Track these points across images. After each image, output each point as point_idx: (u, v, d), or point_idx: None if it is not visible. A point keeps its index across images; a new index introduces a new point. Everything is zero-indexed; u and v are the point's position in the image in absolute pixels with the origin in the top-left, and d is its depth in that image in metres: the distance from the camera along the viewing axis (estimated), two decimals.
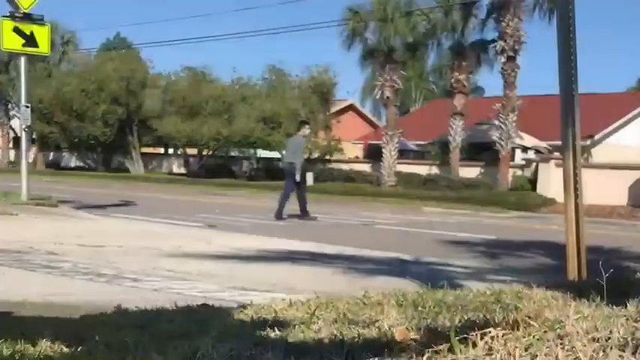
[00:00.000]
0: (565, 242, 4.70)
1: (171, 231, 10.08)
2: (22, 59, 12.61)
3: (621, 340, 1.84)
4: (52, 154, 45.29)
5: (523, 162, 28.40)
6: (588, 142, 28.63)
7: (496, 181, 26.03)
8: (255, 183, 32.42)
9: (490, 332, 1.93)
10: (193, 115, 36.15)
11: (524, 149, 30.20)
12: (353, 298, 3.37)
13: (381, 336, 2.07)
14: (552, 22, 24.97)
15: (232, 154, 38.13)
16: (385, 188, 28.12)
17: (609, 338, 1.86)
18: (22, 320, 3.28)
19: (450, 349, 1.88)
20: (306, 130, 15.20)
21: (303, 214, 14.02)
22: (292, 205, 14.01)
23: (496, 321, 2.11)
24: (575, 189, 4.62)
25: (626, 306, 2.27)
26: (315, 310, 2.79)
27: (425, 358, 1.88)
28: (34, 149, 40.48)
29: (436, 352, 1.90)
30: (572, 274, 4.56)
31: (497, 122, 26.86)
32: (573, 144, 4.59)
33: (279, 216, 13.75)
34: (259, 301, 3.86)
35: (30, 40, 12.31)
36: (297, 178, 14.09)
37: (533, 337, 1.89)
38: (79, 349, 2.31)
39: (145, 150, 41.92)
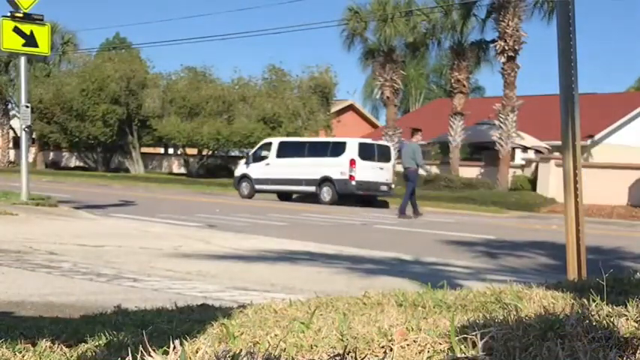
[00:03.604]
0: (565, 242, 4.70)
1: (171, 231, 10.08)
2: (22, 59, 12.61)
3: (621, 340, 1.84)
4: (52, 154, 45.32)
5: (523, 162, 28.43)
6: (588, 142, 28.65)
7: (496, 181, 26.06)
8: None
9: (490, 332, 1.93)
10: (193, 115, 36.18)
11: (524, 149, 30.23)
12: (353, 298, 3.37)
13: (380, 336, 2.07)
14: (552, 22, 25.00)
15: (232, 154, 38.16)
16: None
17: (609, 338, 1.86)
18: (22, 320, 3.28)
19: (450, 349, 1.88)
20: (419, 137, 16.92)
21: (402, 211, 16.00)
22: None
23: (496, 321, 2.11)
24: (575, 189, 4.62)
25: (626, 306, 2.26)
26: (315, 310, 2.79)
27: (425, 358, 1.88)
28: (33, 149, 40.52)
29: (436, 352, 1.90)
30: (572, 274, 4.56)
31: (497, 122, 26.88)
32: (573, 144, 4.59)
33: (402, 213, 15.91)
34: (259, 301, 3.86)
35: (30, 40, 12.30)
36: (424, 172, 16.47)
37: (533, 337, 1.89)
38: (79, 349, 2.31)
39: (145, 150, 41.94)
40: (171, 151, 44.76)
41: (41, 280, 5.17)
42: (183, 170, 40.19)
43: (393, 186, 22.38)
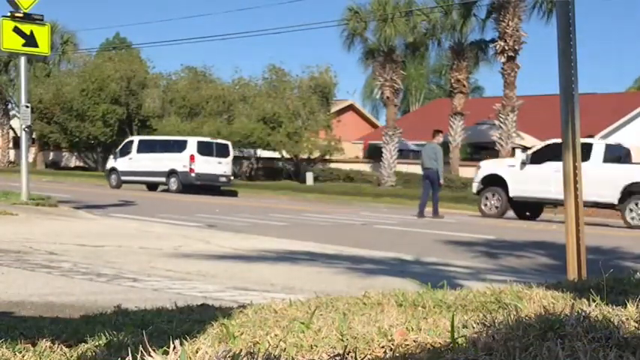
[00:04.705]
0: (565, 242, 4.70)
1: (171, 231, 10.08)
2: (22, 59, 12.60)
3: (621, 340, 1.84)
4: (52, 154, 45.30)
5: None
6: None
7: None
8: (255, 183, 32.44)
9: (490, 332, 1.93)
10: (193, 115, 36.19)
11: (524, 149, 30.22)
12: (353, 298, 3.36)
13: (381, 336, 2.07)
14: (551, 22, 25.01)
15: None
16: (385, 188, 28.13)
17: (609, 338, 1.86)
18: (22, 320, 3.28)
19: (450, 349, 1.88)
20: (440, 138, 16.93)
21: (435, 213, 16.14)
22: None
23: (496, 321, 2.11)
24: (575, 189, 4.62)
25: (626, 306, 2.26)
26: (315, 310, 2.79)
27: (425, 358, 1.88)
28: (33, 149, 40.51)
29: (436, 352, 1.90)
30: (572, 274, 4.56)
31: (497, 122, 26.89)
32: (573, 144, 4.59)
33: (436, 214, 16.13)
34: (259, 301, 3.86)
35: (30, 40, 12.30)
36: (441, 181, 16.41)
37: (533, 337, 1.89)
38: (79, 349, 2.31)
39: None
40: None
41: (41, 280, 5.17)
42: None
43: (232, 178, 26.93)
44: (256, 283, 5.55)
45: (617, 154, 17.29)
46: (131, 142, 28.05)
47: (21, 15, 12.21)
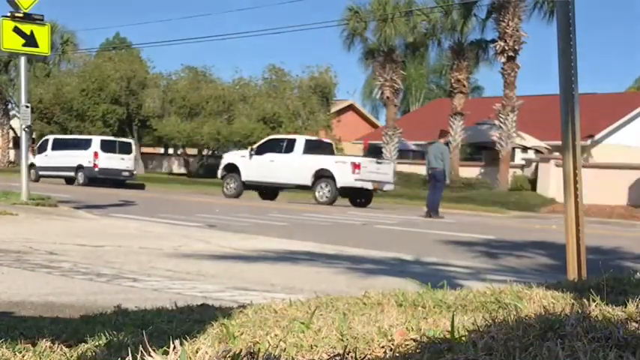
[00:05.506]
0: (565, 242, 4.70)
1: (171, 231, 10.08)
2: (22, 59, 12.60)
3: (621, 340, 1.84)
4: None
5: (523, 162, 28.43)
6: (588, 142, 28.65)
7: (496, 181, 26.06)
8: None
9: (490, 332, 1.93)
10: (193, 115, 36.20)
11: (524, 149, 30.23)
12: (353, 298, 3.36)
13: (381, 336, 2.07)
14: (552, 22, 25.01)
15: None
16: None
17: (609, 338, 1.86)
18: (22, 320, 3.28)
19: (450, 349, 1.88)
20: (446, 138, 17.39)
21: (435, 213, 16.20)
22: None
23: (496, 321, 2.11)
24: (575, 189, 4.61)
25: (626, 306, 2.27)
26: (315, 310, 2.79)
27: (425, 358, 1.88)
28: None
29: (436, 352, 1.90)
30: (572, 274, 4.56)
31: (497, 122, 26.89)
32: (573, 144, 4.59)
33: (436, 214, 16.15)
34: (259, 301, 3.86)
35: (30, 40, 12.29)
36: (447, 181, 16.54)
37: (533, 337, 1.89)
38: (79, 349, 2.31)
39: (144, 150, 41.92)
40: (171, 151, 44.75)
41: (41, 280, 5.17)
42: (183, 170, 40.19)
43: (135, 172, 29.91)
44: (256, 283, 5.55)
45: (317, 147, 21.27)
46: (47, 140, 30.93)
47: (21, 15, 12.20)
